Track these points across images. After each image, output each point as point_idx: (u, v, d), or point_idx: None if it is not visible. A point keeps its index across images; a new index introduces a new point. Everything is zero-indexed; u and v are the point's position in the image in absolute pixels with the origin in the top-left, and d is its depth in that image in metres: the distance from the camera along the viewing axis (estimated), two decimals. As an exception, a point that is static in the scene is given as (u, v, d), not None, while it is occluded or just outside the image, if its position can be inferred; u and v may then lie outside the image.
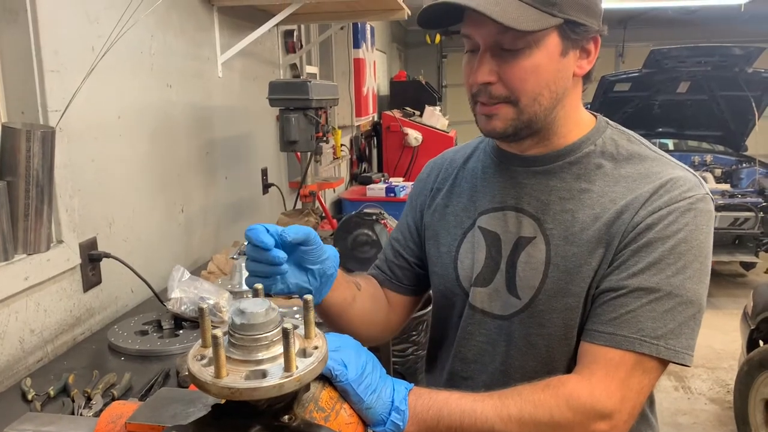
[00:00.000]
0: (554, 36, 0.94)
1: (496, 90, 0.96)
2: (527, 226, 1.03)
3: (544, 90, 0.96)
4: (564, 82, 0.98)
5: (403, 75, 7.67)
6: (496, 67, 0.95)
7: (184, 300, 1.63)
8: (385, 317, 1.21)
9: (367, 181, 4.75)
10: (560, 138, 1.03)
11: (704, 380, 3.91)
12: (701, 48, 5.48)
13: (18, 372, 1.46)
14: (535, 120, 0.98)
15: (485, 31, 0.94)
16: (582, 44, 0.97)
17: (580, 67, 0.99)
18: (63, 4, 1.60)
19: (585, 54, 0.99)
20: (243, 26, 2.79)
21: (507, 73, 0.95)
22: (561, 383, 0.90)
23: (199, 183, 2.45)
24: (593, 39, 0.98)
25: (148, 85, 2.06)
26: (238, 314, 0.70)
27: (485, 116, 0.99)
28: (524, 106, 0.96)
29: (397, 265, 1.22)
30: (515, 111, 0.97)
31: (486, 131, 1.01)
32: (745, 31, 8.67)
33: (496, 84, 0.96)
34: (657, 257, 0.92)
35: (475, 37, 0.96)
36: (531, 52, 0.93)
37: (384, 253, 1.25)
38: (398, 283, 1.22)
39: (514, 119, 0.97)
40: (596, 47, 0.99)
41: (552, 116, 1.00)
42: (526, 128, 0.99)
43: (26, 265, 1.46)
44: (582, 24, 0.94)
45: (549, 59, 0.94)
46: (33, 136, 1.42)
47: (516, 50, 0.93)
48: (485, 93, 0.97)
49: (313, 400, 0.77)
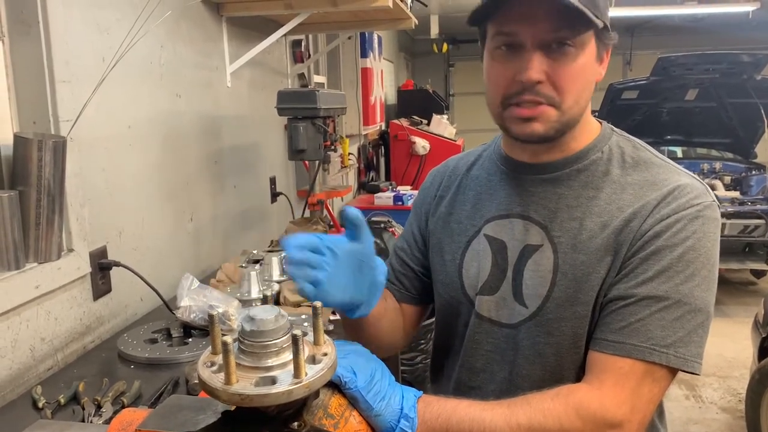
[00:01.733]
0: (592, 39, 0.95)
1: (545, 89, 0.94)
2: (534, 233, 1.03)
3: (584, 92, 0.97)
4: (593, 87, 1.00)
5: (411, 84, 7.69)
6: (546, 67, 0.93)
7: (193, 308, 1.64)
8: (401, 327, 1.20)
9: (375, 189, 4.76)
10: (575, 143, 1.03)
11: (716, 389, 3.88)
12: (709, 55, 5.47)
13: (29, 380, 1.47)
14: (572, 123, 0.98)
15: (538, 27, 0.91)
16: (603, 52, 1.00)
17: (599, 75, 1.01)
18: (75, 15, 1.62)
19: (600, 61, 1.01)
20: (251, 36, 2.81)
21: (557, 73, 0.93)
22: (570, 392, 0.89)
23: (208, 192, 2.46)
24: (608, 48, 1.01)
25: (158, 95, 2.08)
26: (248, 321, 0.70)
27: (523, 119, 0.96)
28: (567, 108, 0.96)
29: (403, 274, 1.22)
30: (558, 113, 0.95)
31: (524, 135, 0.98)
32: (753, 38, 8.64)
33: (545, 83, 0.93)
34: (665, 265, 0.92)
35: (521, 33, 0.92)
36: (578, 53, 0.94)
37: (390, 263, 1.24)
38: (406, 292, 1.21)
39: (556, 121, 0.96)
40: (608, 55, 1.02)
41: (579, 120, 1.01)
42: (561, 132, 0.98)
43: (37, 274, 1.47)
44: (609, 30, 0.97)
45: (590, 61, 0.96)
46: (44, 145, 1.43)
47: (565, 50, 0.93)
48: (531, 92, 0.94)
49: (323, 407, 0.77)
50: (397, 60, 8.49)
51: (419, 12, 3.40)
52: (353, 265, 0.91)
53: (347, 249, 0.90)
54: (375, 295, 0.96)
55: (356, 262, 0.91)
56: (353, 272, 0.91)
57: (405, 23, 3.16)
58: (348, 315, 0.97)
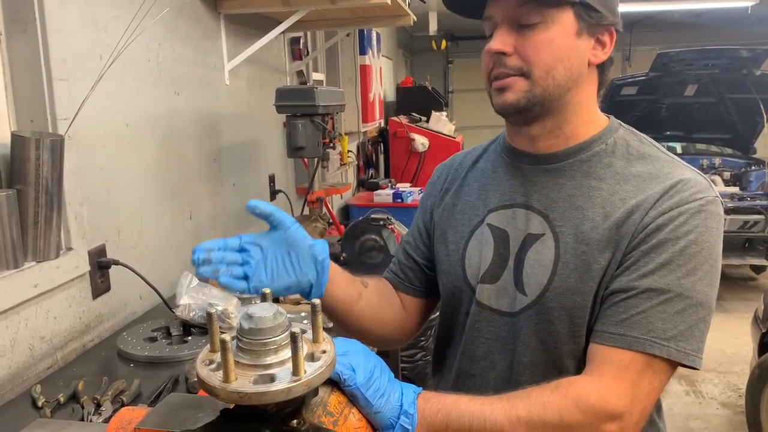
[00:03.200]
0: (570, 15, 0.97)
1: (511, 61, 0.98)
2: (536, 223, 1.03)
3: (558, 65, 0.98)
4: (578, 63, 0.99)
5: (410, 81, 7.68)
6: (513, 41, 0.98)
7: (192, 306, 1.64)
8: (398, 318, 1.21)
9: (374, 186, 4.76)
10: (573, 129, 1.04)
11: (716, 384, 3.88)
12: (708, 51, 5.47)
13: (28, 379, 1.47)
14: (548, 96, 0.99)
15: (504, 5, 0.97)
16: (597, 33, 1.00)
17: (595, 56, 1.01)
18: (72, 13, 1.62)
19: (600, 45, 1.01)
20: (249, 34, 2.80)
21: (523, 45, 0.97)
22: (570, 384, 0.90)
23: (207, 190, 2.46)
24: (608, 31, 1.01)
25: (156, 93, 2.07)
26: (247, 319, 0.70)
27: (498, 90, 1.00)
28: (537, 78, 0.97)
29: (408, 266, 1.23)
30: (528, 83, 0.98)
31: (498, 105, 1.01)
32: (753, 33, 8.62)
33: (512, 56, 0.98)
34: (667, 258, 0.92)
35: (495, 13, 0.99)
36: (547, 27, 0.96)
37: (396, 257, 1.27)
38: (410, 285, 1.23)
39: (527, 91, 0.98)
40: (611, 40, 1.02)
41: (566, 99, 1.01)
42: (539, 105, 1.00)
43: (36, 273, 1.47)
44: (596, 10, 0.97)
45: (564, 36, 0.97)
46: (42, 144, 1.43)
47: (533, 24, 0.96)
48: (499, 64, 0.99)
49: (322, 405, 0.76)
50: (396, 57, 8.48)
51: (418, 9, 3.40)
52: (282, 250, 0.99)
53: (270, 238, 0.99)
54: (323, 274, 1.01)
55: (284, 246, 0.99)
56: (284, 257, 0.99)
57: (404, 20, 3.16)
58: (306, 297, 1.03)
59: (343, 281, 1.08)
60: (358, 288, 1.13)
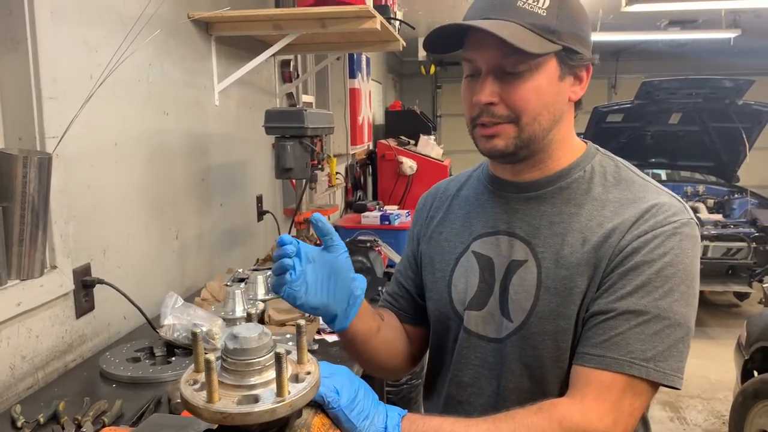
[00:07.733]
0: (553, 61, 0.99)
1: (499, 110, 0.99)
2: (519, 249, 1.05)
3: (544, 111, 1.00)
4: (561, 105, 1.02)
5: (399, 105, 7.74)
6: (498, 89, 0.99)
7: (177, 327, 1.62)
8: (407, 348, 1.22)
9: (362, 208, 4.76)
10: (554, 162, 1.06)
11: (700, 411, 3.88)
12: (692, 80, 5.56)
13: (8, 399, 1.45)
14: (534, 139, 1.01)
15: (489, 54, 0.98)
16: (576, 71, 1.02)
17: (574, 93, 1.04)
18: (63, 33, 1.63)
19: (578, 81, 1.04)
20: (240, 56, 2.83)
21: (509, 94, 0.98)
22: (553, 406, 0.91)
23: (194, 209, 2.45)
24: (585, 67, 1.03)
25: (145, 113, 2.08)
26: (231, 339, 0.70)
27: (486, 137, 1.02)
28: (525, 125, 0.99)
29: (399, 295, 1.25)
30: (516, 129, 1.00)
31: (487, 150, 1.04)
32: (735, 64, 8.80)
33: (499, 105, 0.99)
34: (644, 280, 0.94)
35: (478, 60, 1.00)
36: (532, 75, 0.98)
37: (390, 288, 1.29)
38: (404, 313, 1.24)
39: (516, 137, 1.00)
40: (588, 74, 1.05)
41: (549, 138, 1.03)
42: (525, 148, 1.02)
43: (19, 291, 1.46)
44: (577, 52, 0.99)
45: (549, 82, 0.99)
46: (30, 162, 1.43)
47: (518, 73, 0.97)
48: (487, 113, 1.00)
49: (306, 426, 0.76)
50: (386, 81, 8.55)
51: (407, 34, 3.44)
52: (324, 271, 0.97)
53: (319, 256, 0.97)
54: (353, 308, 1.01)
55: (327, 269, 0.97)
56: (324, 279, 0.97)
57: (393, 45, 3.19)
58: (329, 325, 1.02)
59: (367, 315, 1.07)
60: (378, 322, 1.13)
